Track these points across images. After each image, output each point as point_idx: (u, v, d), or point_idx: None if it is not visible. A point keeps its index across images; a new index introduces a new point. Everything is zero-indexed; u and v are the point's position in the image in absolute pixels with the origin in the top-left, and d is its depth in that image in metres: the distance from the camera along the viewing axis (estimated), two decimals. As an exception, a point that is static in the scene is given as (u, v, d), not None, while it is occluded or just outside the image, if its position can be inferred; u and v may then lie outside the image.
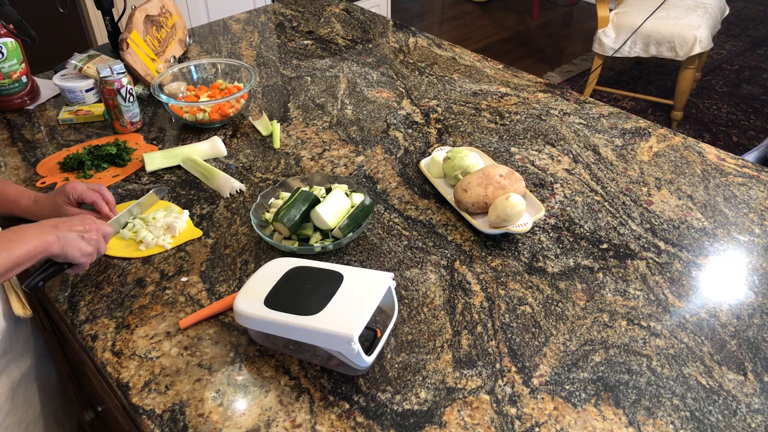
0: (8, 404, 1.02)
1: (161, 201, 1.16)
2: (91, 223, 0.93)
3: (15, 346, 1.05)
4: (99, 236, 0.93)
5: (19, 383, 1.05)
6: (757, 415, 0.80)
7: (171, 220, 1.09)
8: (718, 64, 3.78)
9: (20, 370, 1.06)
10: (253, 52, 1.75)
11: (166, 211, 1.12)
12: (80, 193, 1.03)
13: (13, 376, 1.04)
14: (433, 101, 1.50)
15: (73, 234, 0.89)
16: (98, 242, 0.93)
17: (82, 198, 1.04)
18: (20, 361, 1.06)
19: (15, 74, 1.43)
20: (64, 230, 0.88)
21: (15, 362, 1.05)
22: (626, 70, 3.73)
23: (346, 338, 0.77)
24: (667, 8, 2.92)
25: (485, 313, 0.94)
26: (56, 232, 0.87)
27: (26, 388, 1.07)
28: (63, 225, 0.89)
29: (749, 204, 1.16)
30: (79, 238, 0.90)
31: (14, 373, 1.04)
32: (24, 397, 1.06)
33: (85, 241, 0.91)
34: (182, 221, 1.09)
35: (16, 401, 1.04)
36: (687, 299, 0.97)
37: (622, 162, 1.28)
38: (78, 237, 0.90)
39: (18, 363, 1.05)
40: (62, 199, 1.03)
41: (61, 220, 0.91)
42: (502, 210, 1.04)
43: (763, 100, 3.40)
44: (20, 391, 1.05)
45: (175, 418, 0.80)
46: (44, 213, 1.03)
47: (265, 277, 0.89)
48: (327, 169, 1.26)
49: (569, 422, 0.79)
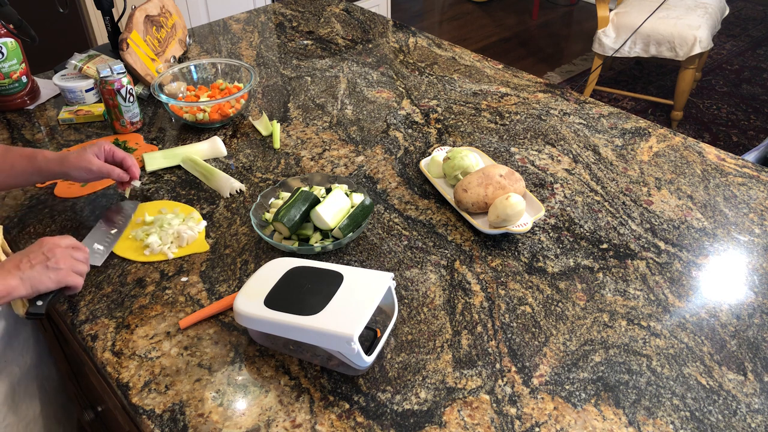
0: (8, 403, 1.02)
1: (183, 205, 1.16)
2: (51, 246, 0.88)
3: (15, 345, 1.05)
4: (67, 255, 0.89)
5: (20, 382, 1.05)
6: (757, 415, 0.80)
7: (183, 229, 1.07)
8: (718, 64, 3.78)
9: (20, 369, 1.06)
10: (253, 52, 1.75)
11: (185, 217, 1.10)
12: (112, 149, 1.08)
13: (13, 375, 1.04)
14: (433, 101, 1.50)
15: (36, 268, 0.85)
16: (69, 261, 0.89)
17: (113, 154, 1.08)
18: (20, 360, 1.06)
19: (15, 74, 1.43)
20: (26, 269, 0.85)
21: (15, 361, 1.05)
22: (626, 70, 3.73)
23: (346, 338, 0.77)
24: (667, 8, 2.92)
25: (485, 313, 0.94)
26: (19, 274, 0.84)
27: (26, 387, 1.07)
28: (23, 264, 0.85)
29: (749, 204, 1.16)
30: (44, 269, 0.86)
31: (14, 372, 1.04)
32: (24, 396, 1.07)
33: (52, 269, 0.86)
34: (194, 232, 1.08)
35: (16, 400, 1.04)
36: (687, 299, 0.97)
37: (622, 162, 1.28)
38: (43, 268, 0.86)
39: (18, 362, 1.06)
40: (93, 150, 1.06)
41: (20, 258, 0.87)
42: (502, 210, 1.04)
43: (763, 100, 3.40)
44: (20, 390, 1.06)
45: (175, 418, 0.80)
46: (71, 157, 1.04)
47: (265, 277, 0.89)
48: (327, 169, 1.26)
49: (569, 422, 0.79)
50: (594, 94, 3.39)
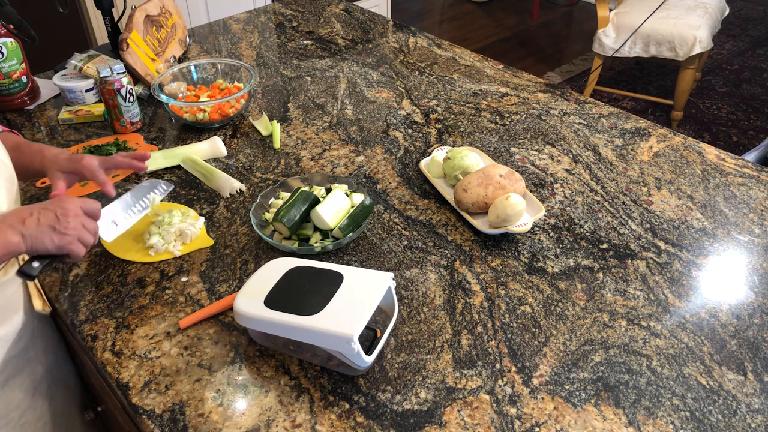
0: (27, 400, 1.00)
1: (178, 205, 1.15)
2: (67, 209, 0.83)
3: (38, 343, 1.03)
4: (78, 222, 0.84)
5: (42, 380, 1.04)
6: (757, 415, 0.80)
7: (185, 226, 1.07)
8: (718, 64, 3.78)
9: (43, 367, 1.04)
10: (253, 52, 1.75)
11: (183, 216, 1.10)
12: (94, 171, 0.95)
13: (35, 373, 1.02)
14: (433, 101, 1.50)
15: (43, 228, 0.81)
16: (78, 229, 0.84)
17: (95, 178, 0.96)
18: (43, 358, 1.04)
19: (15, 74, 1.43)
20: (31, 226, 0.80)
21: (38, 359, 1.02)
22: (626, 70, 3.73)
23: (346, 338, 0.77)
24: (667, 8, 2.92)
25: (485, 313, 0.94)
26: (21, 230, 0.79)
27: (48, 385, 1.05)
28: (30, 220, 0.80)
29: (749, 204, 1.16)
30: (50, 230, 0.81)
31: (37, 370, 1.02)
32: (46, 394, 1.05)
33: (58, 232, 0.81)
34: (196, 228, 1.08)
35: (36, 398, 1.02)
36: (687, 299, 0.97)
37: (622, 162, 1.28)
38: (49, 230, 0.81)
39: (41, 360, 1.03)
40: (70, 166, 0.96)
41: (30, 211, 0.81)
42: (502, 210, 1.04)
43: (763, 100, 3.40)
44: (42, 388, 1.04)
45: (175, 418, 0.80)
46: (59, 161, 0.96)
47: (265, 277, 0.89)
48: (327, 169, 1.26)
49: (569, 422, 0.79)
50: (594, 94, 3.39)
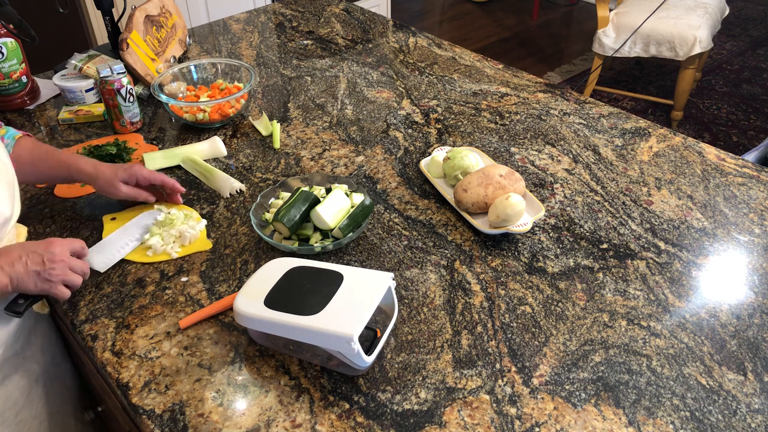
0: (23, 399, 1.01)
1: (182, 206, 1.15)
2: (54, 254, 0.89)
3: (35, 342, 1.04)
4: (63, 267, 0.89)
5: (38, 379, 1.05)
6: (757, 415, 0.80)
7: (185, 228, 1.07)
8: (718, 64, 3.78)
9: (40, 366, 1.05)
10: (253, 52, 1.75)
11: (186, 217, 1.10)
12: (147, 176, 1.08)
13: (32, 372, 1.03)
14: (433, 101, 1.50)
15: (29, 271, 0.86)
16: (63, 274, 0.89)
17: (150, 180, 1.08)
18: (40, 357, 1.05)
19: (15, 74, 1.43)
20: (19, 270, 0.86)
21: (34, 358, 1.04)
22: (626, 70, 3.73)
23: (346, 338, 0.77)
24: (667, 8, 2.92)
25: (485, 313, 0.94)
26: (10, 272, 0.85)
27: (45, 384, 1.06)
28: (19, 263, 0.86)
29: (749, 204, 1.16)
30: (35, 275, 0.87)
31: (33, 369, 1.04)
32: (42, 392, 1.06)
33: (42, 278, 0.87)
34: (196, 231, 1.08)
35: (32, 397, 1.03)
36: (687, 299, 0.97)
37: (622, 162, 1.28)
38: (34, 275, 0.87)
39: (38, 359, 1.05)
40: (123, 176, 1.06)
41: (19, 254, 0.87)
42: (502, 210, 1.04)
43: (763, 100, 3.40)
44: (38, 387, 1.05)
45: (175, 418, 0.80)
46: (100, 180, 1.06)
47: (265, 277, 0.89)
48: (327, 169, 1.26)
49: (569, 422, 0.79)
50: (594, 94, 3.39)
